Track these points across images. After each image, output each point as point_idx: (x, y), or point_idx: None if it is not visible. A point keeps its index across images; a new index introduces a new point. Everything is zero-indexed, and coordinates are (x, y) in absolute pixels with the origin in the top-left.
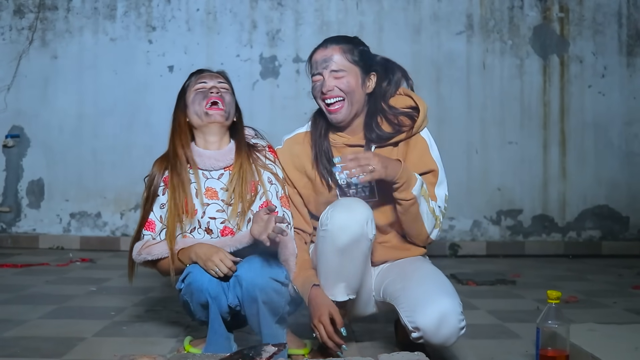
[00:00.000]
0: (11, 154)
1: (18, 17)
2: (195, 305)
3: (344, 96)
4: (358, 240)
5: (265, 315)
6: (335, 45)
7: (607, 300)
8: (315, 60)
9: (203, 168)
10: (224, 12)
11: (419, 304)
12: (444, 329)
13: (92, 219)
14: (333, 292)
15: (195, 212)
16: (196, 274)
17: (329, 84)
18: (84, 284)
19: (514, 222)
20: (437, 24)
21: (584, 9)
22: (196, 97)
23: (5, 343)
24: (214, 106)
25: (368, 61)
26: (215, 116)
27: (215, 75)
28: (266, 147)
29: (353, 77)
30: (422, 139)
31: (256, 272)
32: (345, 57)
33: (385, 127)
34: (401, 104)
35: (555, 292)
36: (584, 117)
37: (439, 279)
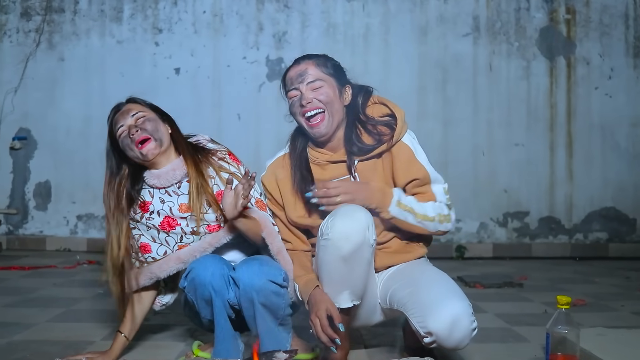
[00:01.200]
0: (18, 156)
1: (25, 19)
2: (199, 301)
3: (323, 108)
4: (360, 247)
5: (263, 317)
6: (307, 60)
7: (615, 304)
8: (289, 77)
9: (161, 186)
10: (231, 14)
11: (429, 309)
12: (457, 331)
13: (99, 221)
14: (337, 300)
15: (179, 223)
16: (199, 269)
17: (308, 96)
18: (91, 286)
19: (521, 224)
20: (443, 25)
21: (590, 10)
22: (124, 143)
23: (14, 347)
24: (144, 144)
25: (342, 74)
26: (151, 152)
27: (125, 111)
28: (226, 154)
29: (330, 87)
30: (405, 145)
31: (253, 274)
32: (320, 69)
33: (365, 138)
34: (377, 113)
35: (565, 297)
36: (591, 118)
37: (446, 282)
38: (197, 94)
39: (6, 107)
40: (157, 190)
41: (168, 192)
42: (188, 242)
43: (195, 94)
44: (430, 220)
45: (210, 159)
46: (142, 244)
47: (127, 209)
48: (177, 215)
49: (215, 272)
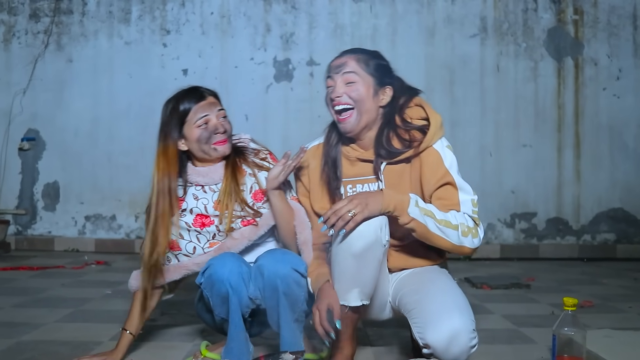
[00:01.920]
0: (27, 156)
1: (34, 21)
2: (215, 298)
3: (353, 105)
4: (372, 246)
5: (285, 309)
6: (351, 54)
7: (622, 305)
8: (330, 66)
9: (204, 184)
10: (238, 15)
11: (430, 321)
12: (454, 347)
13: (107, 221)
14: (347, 297)
15: (213, 221)
16: (217, 266)
17: (339, 90)
18: (99, 286)
19: (528, 225)
20: (450, 26)
21: (598, 11)
22: (201, 136)
23: (23, 347)
24: (221, 142)
25: (384, 75)
26: (223, 149)
27: (211, 103)
28: (267, 154)
29: (364, 86)
30: (434, 151)
31: (278, 262)
32: (360, 65)
33: (395, 142)
34: (416, 115)
35: (571, 299)
36: (599, 119)
37: (452, 295)
38: None
39: (15, 108)
40: (191, 187)
41: (204, 188)
42: (221, 240)
43: None
44: (454, 228)
45: (250, 159)
46: (172, 241)
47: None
48: (211, 212)
49: (233, 269)
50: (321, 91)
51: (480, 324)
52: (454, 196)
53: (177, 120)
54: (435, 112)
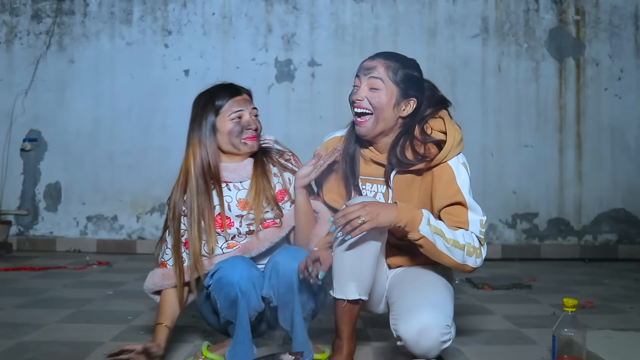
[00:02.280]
0: (29, 157)
1: (36, 21)
2: (223, 301)
3: (372, 110)
4: (369, 242)
5: (298, 305)
6: (383, 59)
7: (623, 306)
8: (361, 66)
9: (231, 181)
10: (240, 16)
11: (403, 314)
12: (424, 341)
13: (109, 222)
14: (345, 291)
15: (232, 224)
16: (227, 269)
17: (361, 94)
18: (100, 287)
19: (530, 226)
20: (452, 27)
21: (600, 11)
22: (234, 128)
23: (25, 347)
24: (252, 138)
25: (410, 87)
26: (252, 146)
27: (247, 100)
28: (291, 156)
29: (387, 94)
30: (448, 168)
31: (292, 257)
32: (387, 72)
33: (408, 153)
34: (436, 127)
35: (571, 300)
36: (600, 120)
37: (431, 291)
38: None
39: (17, 108)
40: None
41: (228, 186)
42: (239, 242)
43: None
44: (460, 248)
45: (276, 159)
46: (186, 240)
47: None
48: (234, 212)
49: (243, 273)
50: (322, 92)
51: (480, 325)
52: (463, 214)
53: (211, 111)
54: (455, 127)
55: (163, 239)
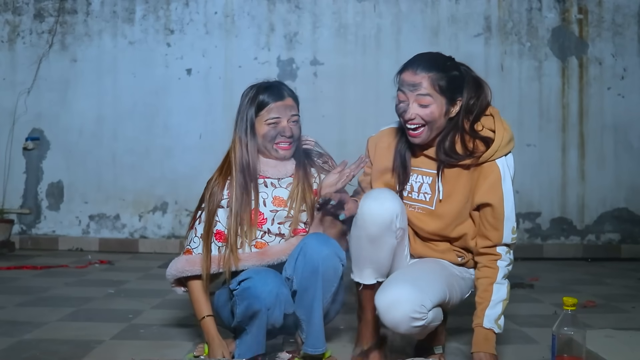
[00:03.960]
0: (31, 156)
1: (38, 21)
2: (243, 310)
3: (425, 124)
4: (385, 232)
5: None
6: (425, 73)
7: (625, 305)
8: (403, 79)
9: (269, 177)
10: (242, 15)
11: (385, 285)
12: (393, 312)
13: (111, 221)
14: (362, 276)
15: (265, 220)
16: (257, 281)
17: (412, 112)
18: (102, 286)
19: (533, 225)
20: (455, 26)
21: (603, 10)
22: (268, 133)
23: (25, 345)
24: (284, 144)
25: (456, 88)
26: (284, 154)
27: (288, 106)
28: (329, 159)
29: (437, 107)
30: (496, 167)
31: (322, 243)
32: (434, 85)
33: (458, 147)
34: (486, 125)
35: (571, 298)
36: (603, 119)
37: (423, 274)
38: (208, 95)
39: (19, 107)
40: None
41: (266, 182)
42: (268, 241)
43: (207, 95)
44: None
45: (316, 161)
46: (217, 231)
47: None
48: (268, 208)
49: (272, 290)
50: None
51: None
52: (501, 226)
53: (252, 111)
54: (505, 126)
55: (192, 227)
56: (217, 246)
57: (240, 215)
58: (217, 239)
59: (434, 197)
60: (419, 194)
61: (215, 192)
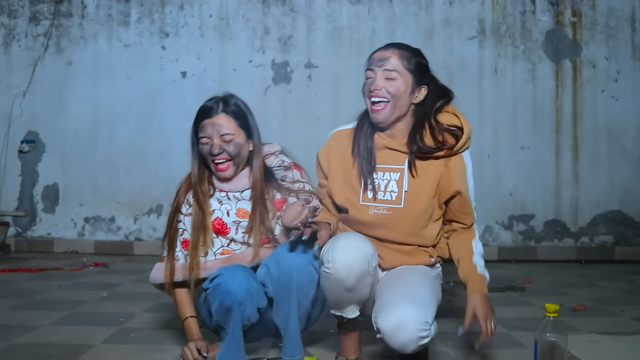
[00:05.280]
0: (27, 159)
1: (34, 24)
2: (217, 307)
3: (389, 98)
4: (362, 277)
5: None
6: (395, 49)
7: (615, 308)
8: (372, 58)
9: (229, 191)
10: (237, 18)
11: (383, 308)
12: (401, 335)
13: (106, 223)
14: (345, 312)
15: (228, 230)
16: (227, 277)
17: (378, 84)
18: (96, 289)
19: (526, 227)
20: (449, 29)
21: (596, 13)
22: (202, 151)
23: (16, 350)
24: (222, 165)
25: (422, 74)
26: (221, 175)
27: (216, 124)
28: (292, 166)
29: (403, 82)
30: (462, 160)
31: (296, 254)
32: (402, 61)
33: (427, 140)
34: (447, 121)
35: (553, 305)
36: (597, 121)
37: (416, 288)
38: (203, 98)
39: (15, 110)
40: (217, 192)
41: (228, 195)
42: (234, 249)
43: (202, 98)
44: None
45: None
46: (184, 240)
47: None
48: (232, 218)
49: (242, 284)
50: (319, 93)
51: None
52: (469, 206)
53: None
54: (467, 122)
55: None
56: (183, 254)
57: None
58: (184, 247)
59: (401, 194)
60: (385, 192)
61: (180, 202)
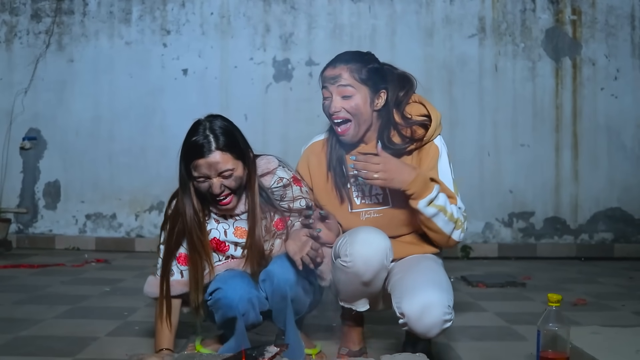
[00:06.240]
0: (28, 156)
1: (35, 21)
2: (219, 318)
3: (351, 118)
4: (379, 272)
5: (291, 313)
6: (343, 65)
7: (616, 303)
8: (324, 76)
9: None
10: (238, 15)
11: (407, 292)
12: (427, 318)
13: (108, 220)
14: (355, 304)
15: (227, 248)
16: (227, 290)
17: (336, 105)
18: (98, 284)
19: (526, 225)
20: (449, 27)
21: (596, 11)
22: (200, 188)
23: (21, 342)
24: (222, 200)
25: (378, 79)
26: (226, 207)
27: (212, 163)
28: (291, 181)
29: (361, 97)
30: (435, 147)
31: (288, 269)
32: (353, 75)
33: (396, 139)
34: (415, 112)
35: (555, 295)
36: (597, 119)
37: (434, 274)
38: (204, 95)
39: (16, 107)
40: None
41: (225, 216)
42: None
43: (203, 95)
44: (453, 221)
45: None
46: (180, 254)
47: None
48: (230, 238)
49: (243, 296)
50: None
51: (472, 321)
52: (449, 191)
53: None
54: (435, 109)
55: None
56: (179, 269)
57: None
58: (180, 263)
59: (387, 195)
60: (371, 197)
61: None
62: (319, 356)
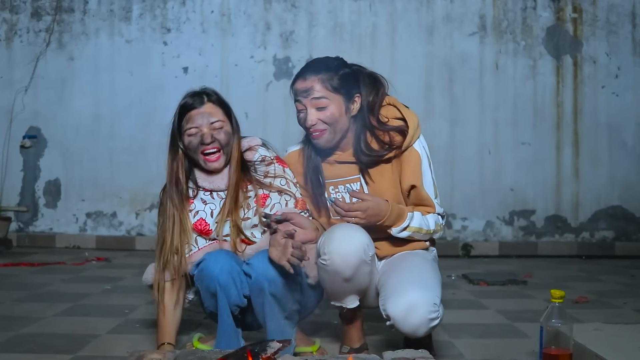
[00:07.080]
0: (28, 154)
1: (35, 19)
2: (205, 292)
3: (327, 127)
4: (359, 267)
5: (271, 308)
6: (314, 76)
7: (617, 301)
8: (296, 89)
9: (211, 189)
10: (238, 13)
11: (391, 293)
12: (412, 318)
13: (108, 218)
14: (344, 302)
15: (210, 232)
16: (209, 262)
17: (312, 118)
18: (99, 282)
19: (527, 223)
20: (450, 25)
21: (597, 9)
22: (191, 143)
23: (22, 340)
24: (212, 156)
25: (350, 85)
26: (213, 165)
27: (205, 113)
28: (274, 160)
29: (336, 107)
30: (415, 152)
31: (268, 264)
32: (325, 85)
33: (374, 145)
34: (391, 115)
35: (558, 291)
36: (598, 117)
37: (419, 272)
38: None
39: (17, 106)
40: (201, 191)
41: (212, 194)
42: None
43: None
44: (432, 233)
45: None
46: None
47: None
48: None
49: (224, 267)
50: None
51: (474, 319)
52: (427, 199)
53: (176, 122)
54: (410, 111)
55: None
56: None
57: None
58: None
59: None
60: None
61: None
62: (319, 352)
